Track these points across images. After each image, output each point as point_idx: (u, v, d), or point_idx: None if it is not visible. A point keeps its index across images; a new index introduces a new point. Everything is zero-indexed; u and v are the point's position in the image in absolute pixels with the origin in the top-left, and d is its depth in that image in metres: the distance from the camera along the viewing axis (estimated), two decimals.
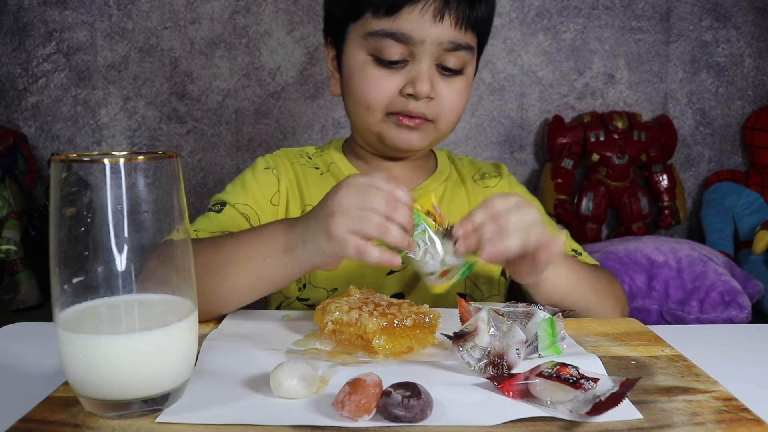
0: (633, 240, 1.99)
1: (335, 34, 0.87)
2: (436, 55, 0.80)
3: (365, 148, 0.91)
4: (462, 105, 0.85)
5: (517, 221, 0.62)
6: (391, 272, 0.88)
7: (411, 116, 0.82)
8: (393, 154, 0.90)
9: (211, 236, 0.77)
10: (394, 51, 0.79)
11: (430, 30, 0.78)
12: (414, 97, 0.80)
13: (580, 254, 0.92)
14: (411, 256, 0.62)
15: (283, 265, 0.67)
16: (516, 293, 0.89)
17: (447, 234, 0.62)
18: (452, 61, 0.81)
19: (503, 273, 0.93)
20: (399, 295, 0.88)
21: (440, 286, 0.63)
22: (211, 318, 0.71)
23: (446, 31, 0.78)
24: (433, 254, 0.62)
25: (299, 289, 0.89)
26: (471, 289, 0.91)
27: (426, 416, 0.46)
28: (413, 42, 0.78)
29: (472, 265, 0.63)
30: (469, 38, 0.81)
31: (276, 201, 0.88)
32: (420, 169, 0.94)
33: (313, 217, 0.64)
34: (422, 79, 0.79)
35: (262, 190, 0.88)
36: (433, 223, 0.63)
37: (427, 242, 0.62)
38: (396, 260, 0.60)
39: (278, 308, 0.91)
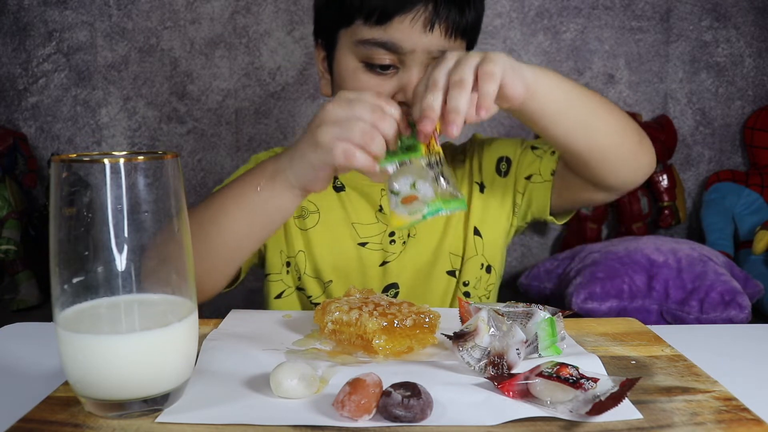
0: (633, 240, 1.99)
1: (325, 37, 0.86)
2: (425, 63, 0.79)
3: None
4: None
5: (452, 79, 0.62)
6: (384, 263, 0.89)
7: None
8: None
9: None
10: (384, 59, 0.78)
11: (420, 39, 0.77)
12: (406, 104, 0.78)
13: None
14: (386, 165, 0.61)
15: (275, 194, 0.69)
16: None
17: (433, 164, 0.61)
18: None
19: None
20: (393, 285, 0.89)
21: (399, 217, 0.60)
22: (218, 289, 0.74)
23: (436, 40, 0.77)
24: (408, 174, 0.60)
25: (298, 278, 0.91)
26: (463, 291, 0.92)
27: (426, 416, 0.46)
28: (403, 51, 0.77)
29: (439, 210, 0.60)
30: (458, 45, 0.81)
31: None
32: None
33: (302, 135, 0.68)
34: (413, 86, 0.77)
35: None
36: (426, 147, 0.62)
37: (410, 162, 0.61)
38: (376, 169, 0.63)
39: (278, 297, 0.92)
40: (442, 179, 0.61)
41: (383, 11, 0.76)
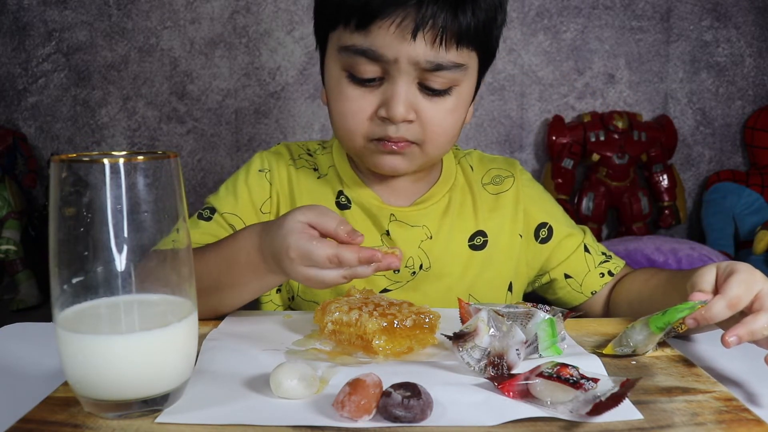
0: (633, 240, 1.99)
1: (319, 41, 0.80)
2: (414, 75, 0.71)
3: None
4: (452, 125, 0.76)
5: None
6: (384, 290, 0.85)
7: (393, 141, 0.75)
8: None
9: (195, 246, 0.77)
10: (367, 69, 0.71)
11: (402, 48, 0.69)
12: (390, 120, 0.72)
13: (610, 257, 0.89)
14: (657, 331, 0.60)
15: (275, 280, 0.68)
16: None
17: (666, 333, 0.61)
18: (436, 81, 0.72)
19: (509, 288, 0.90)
20: (383, 291, 0.87)
21: (612, 349, 0.62)
22: (208, 317, 0.72)
23: (422, 50, 0.69)
24: (650, 342, 0.61)
25: (289, 299, 0.88)
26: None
27: (426, 416, 0.46)
28: (386, 60, 0.70)
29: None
30: (453, 56, 0.71)
31: (266, 209, 0.86)
32: (423, 178, 0.88)
33: (284, 272, 0.63)
34: (397, 101, 0.71)
35: (253, 197, 0.86)
36: (680, 325, 0.61)
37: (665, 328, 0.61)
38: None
39: None
40: (656, 346, 0.62)
41: (362, 14, 0.69)
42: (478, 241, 0.87)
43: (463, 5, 0.69)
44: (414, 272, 0.84)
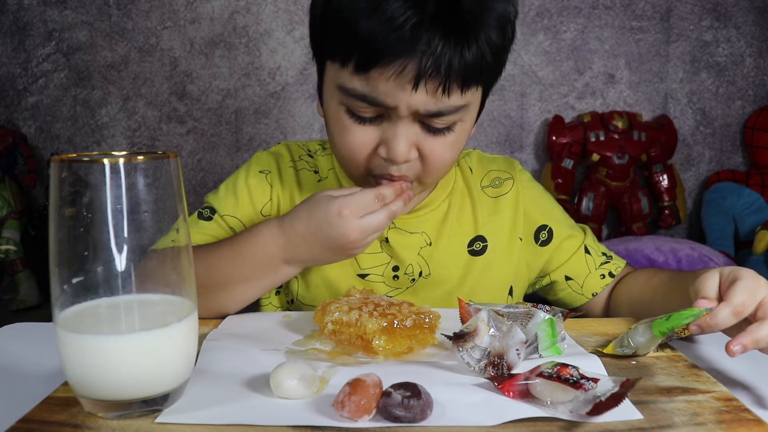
0: (633, 240, 1.99)
1: (316, 59, 0.77)
2: (414, 118, 0.69)
3: None
4: (452, 157, 0.74)
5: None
6: (363, 275, 0.85)
7: (393, 179, 0.73)
8: None
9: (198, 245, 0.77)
10: (366, 110, 0.69)
11: (402, 97, 0.66)
12: (390, 161, 0.70)
13: (611, 257, 0.89)
14: (657, 335, 0.60)
15: (288, 273, 0.74)
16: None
17: (669, 337, 0.61)
18: (438, 123, 0.69)
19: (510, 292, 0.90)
20: None
21: (613, 349, 0.62)
22: (211, 316, 0.72)
23: (422, 99, 0.66)
24: (651, 343, 0.61)
25: (288, 302, 0.88)
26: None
27: (426, 416, 0.46)
28: (386, 106, 0.67)
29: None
30: (456, 100, 0.67)
31: (267, 211, 0.85)
32: None
33: (319, 248, 0.70)
34: (397, 143, 0.69)
35: (253, 199, 0.85)
36: (684, 329, 0.60)
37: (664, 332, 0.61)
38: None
39: None
40: (657, 348, 0.63)
41: (362, 57, 0.65)
42: (477, 246, 0.86)
43: (468, 42, 0.64)
44: (413, 279, 0.84)
